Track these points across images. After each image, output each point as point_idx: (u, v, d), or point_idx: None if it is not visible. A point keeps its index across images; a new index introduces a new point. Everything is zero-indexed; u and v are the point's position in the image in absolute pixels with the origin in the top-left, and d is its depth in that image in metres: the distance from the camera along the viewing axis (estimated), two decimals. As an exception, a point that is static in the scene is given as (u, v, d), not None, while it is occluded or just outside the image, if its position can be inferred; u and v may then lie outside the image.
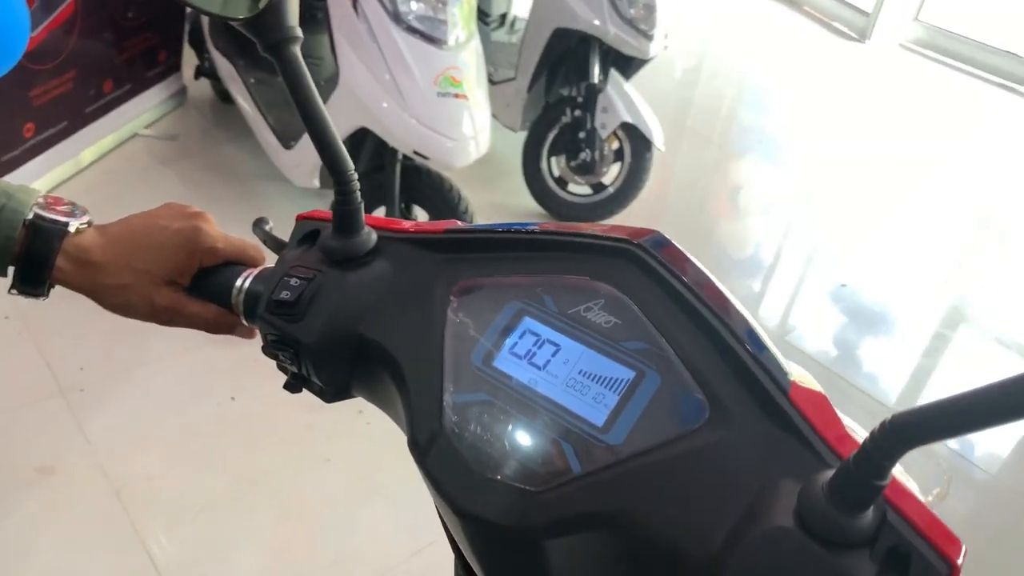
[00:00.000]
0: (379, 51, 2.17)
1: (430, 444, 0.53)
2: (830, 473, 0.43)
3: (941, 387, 2.87)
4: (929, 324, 3.26)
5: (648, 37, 2.86)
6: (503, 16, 3.70)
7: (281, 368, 0.67)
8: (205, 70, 3.32)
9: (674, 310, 0.53)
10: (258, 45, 0.58)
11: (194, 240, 0.68)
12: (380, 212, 2.45)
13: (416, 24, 2.18)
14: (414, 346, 0.58)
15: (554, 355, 0.54)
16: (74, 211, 0.68)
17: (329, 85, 2.32)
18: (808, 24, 6.62)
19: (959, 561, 0.41)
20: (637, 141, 3.01)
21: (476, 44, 2.38)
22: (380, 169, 2.40)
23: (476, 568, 0.55)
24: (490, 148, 2.46)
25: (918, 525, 0.42)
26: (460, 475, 0.51)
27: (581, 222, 3.12)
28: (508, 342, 0.55)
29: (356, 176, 0.62)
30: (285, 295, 0.62)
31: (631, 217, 3.18)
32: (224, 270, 0.71)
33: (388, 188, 2.40)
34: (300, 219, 0.68)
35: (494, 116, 2.61)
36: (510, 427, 0.52)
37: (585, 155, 2.98)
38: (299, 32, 0.58)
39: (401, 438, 0.72)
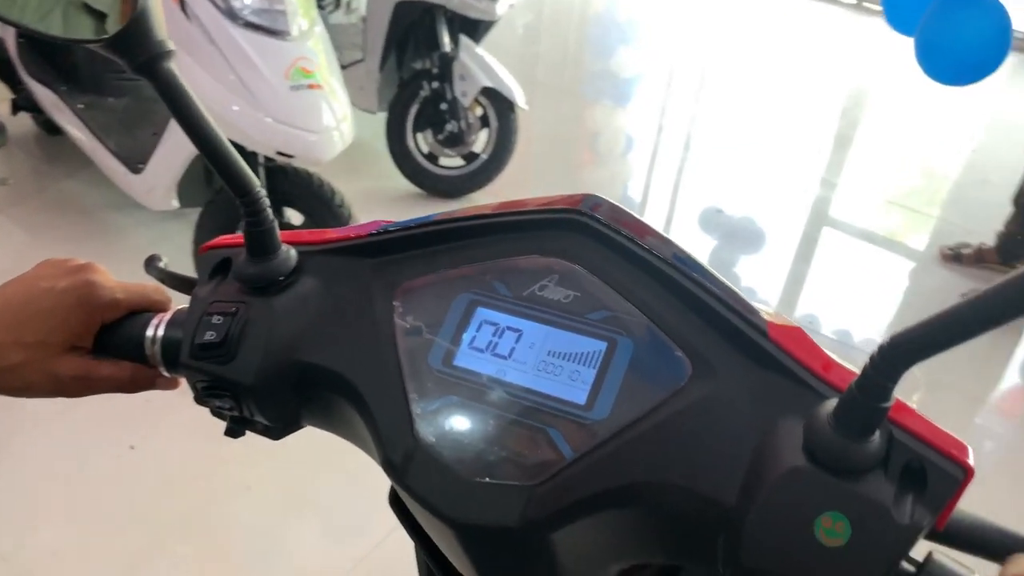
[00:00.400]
0: (219, 53, 2.02)
1: (408, 461, 0.49)
2: (829, 404, 0.43)
3: (816, 285, 3.05)
4: (797, 231, 3.44)
5: (492, -2, 2.82)
6: (337, -2, 3.56)
7: (217, 414, 0.61)
8: (22, 103, 3.02)
9: (632, 270, 0.52)
10: (127, 66, 0.51)
11: (89, 296, 0.60)
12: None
13: (253, 19, 2.05)
14: (365, 362, 0.53)
15: (518, 342, 0.51)
16: None
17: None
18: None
19: (970, 462, 0.42)
20: (500, 103, 2.99)
21: (321, 30, 2.26)
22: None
23: (472, 572, 0.52)
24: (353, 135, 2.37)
25: (924, 437, 0.43)
26: (447, 485, 0.48)
27: (468, 194, 3.12)
28: (466, 337, 0.52)
29: (264, 193, 0.56)
30: (210, 336, 0.56)
31: (505, 180, 3.17)
32: (129, 322, 0.63)
33: (256, 196, 2.26)
34: (204, 250, 0.62)
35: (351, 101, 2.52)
36: (488, 425, 0.49)
37: (451, 126, 2.93)
38: (171, 45, 0.52)
39: (322, 445, 0.66)
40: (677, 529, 0.48)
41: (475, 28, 3.03)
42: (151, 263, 0.67)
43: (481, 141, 3.10)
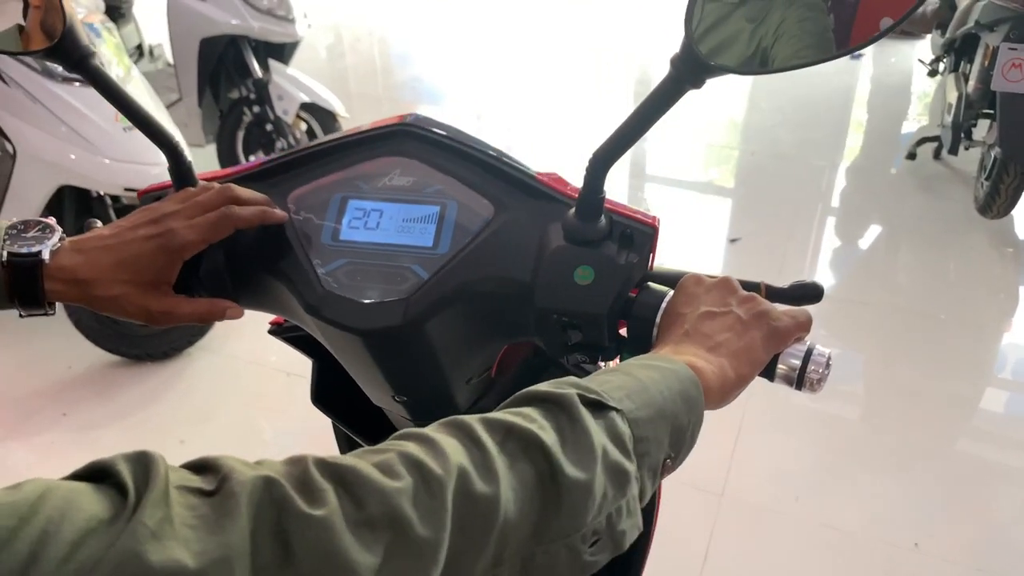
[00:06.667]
0: (45, 110, 2.15)
1: (321, 302, 0.69)
2: (574, 209, 0.69)
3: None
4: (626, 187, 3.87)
5: (290, 21, 3.05)
6: (139, 47, 3.66)
7: None
8: None
9: (445, 155, 0.73)
10: (64, 67, 0.70)
11: (167, 243, 0.69)
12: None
13: (70, 74, 2.19)
14: (277, 247, 0.73)
15: (381, 217, 0.72)
16: (44, 233, 0.69)
17: (4, 163, 2.25)
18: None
19: (657, 226, 0.69)
20: (322, 115, 3.21)
21: (137, 74, 2.42)
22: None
23: (376, 372, 0.74)
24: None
25: (630, 216, 0.70)
26: (350, 310, 0.68)
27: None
28: (345, 220, 0.72)
29: (181, 142, 0.76)
30: None
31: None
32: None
33: (109, 237, 2.38)
34: (142, 195, 0.79)
35: (179, 138, 2.66)
36: (372, 270, 0.70)
37: (280, 144, 3.12)
38: (93, 47, 0.70)
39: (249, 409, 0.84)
40: (501, 306, 0.70)
41: (281, 51, 3.24)
42: (88, 227, 0.81)
43: (312, 152, 3.30)
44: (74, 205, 2.41)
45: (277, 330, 0.95)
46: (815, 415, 2.35)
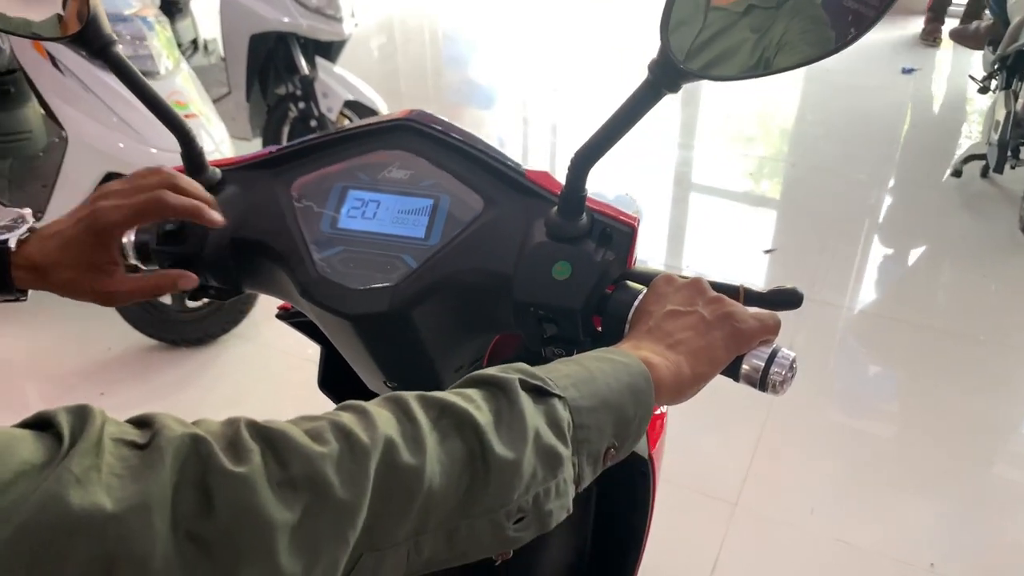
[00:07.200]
0: (97, 98, 2.24)
1: (314, 286, 0.73)
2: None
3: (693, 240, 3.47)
4: (671, 199, 3.87)
5: (338, 19, 3.11)
6: (194, 42, 3.78)
7: (176, 295, 0.86)
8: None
9: (442, 150, 0.78)
10: (87, 52, 0.75)
11: (92, 224, 0.69)
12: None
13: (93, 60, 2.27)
14: (278, 232, 0.77)
15: (378, 207, 0.76)
16: (15, 221, 0.70)
17: (57, 149, 2.36)
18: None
19: (636, 225, 0.72)
20: (365, 114, 3.26)
21: (186, 67, 2.51)
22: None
23: (368, 357, 0.78)
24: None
25: (609, 214, 0.73)
26: (340, 295, 0.72)
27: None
28: (344, 210, 0.76)
29: (190, 127, 0.81)
30: (170, 227, 0.78)
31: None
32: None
33: (153, 224, 2.47)
34: None
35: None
36: (366, 258, 0.74)
37: (323, 140, 3.20)
38: (115, 36, 0.76)
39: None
40: (484, 298, 0.73)
41: (328, 49, 3.30)
42: None
43: (353, 149, 3.36)
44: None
45: (284, 315, 0.99)
46: (839, 428, 2.32)
